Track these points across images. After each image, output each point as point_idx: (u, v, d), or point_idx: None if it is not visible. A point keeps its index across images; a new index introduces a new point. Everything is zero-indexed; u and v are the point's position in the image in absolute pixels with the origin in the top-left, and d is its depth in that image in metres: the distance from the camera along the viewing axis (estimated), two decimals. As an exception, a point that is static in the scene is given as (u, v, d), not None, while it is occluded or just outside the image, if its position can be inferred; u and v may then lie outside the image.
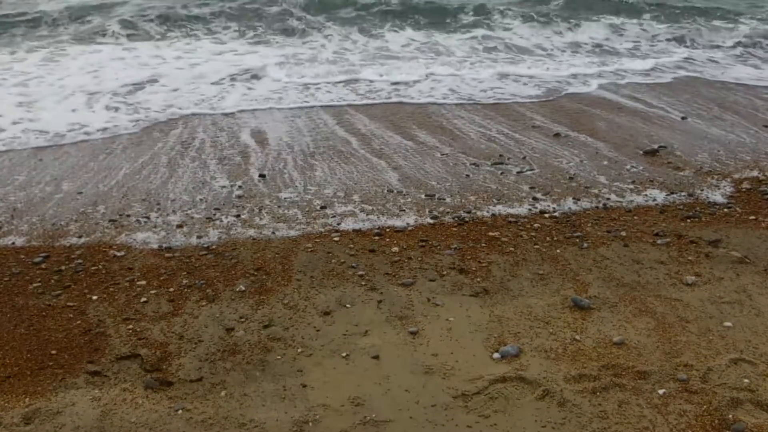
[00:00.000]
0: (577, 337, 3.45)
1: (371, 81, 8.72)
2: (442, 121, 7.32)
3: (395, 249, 4.41)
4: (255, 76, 8.82)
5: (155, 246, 4.47)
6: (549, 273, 4.12)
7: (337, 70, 9.20)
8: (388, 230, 4.71)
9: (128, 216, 4.91)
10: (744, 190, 5.53)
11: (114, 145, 6.41)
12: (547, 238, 4.60)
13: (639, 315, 3.66)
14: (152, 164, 5.92)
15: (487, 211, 5.05)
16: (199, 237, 4.59)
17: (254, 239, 4.56)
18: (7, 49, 9.81)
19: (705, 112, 7.80)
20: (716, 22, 12.76)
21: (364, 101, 8.04)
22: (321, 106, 7.82)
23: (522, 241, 4.56)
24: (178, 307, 3.74)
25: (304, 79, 8.75)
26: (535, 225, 4.81)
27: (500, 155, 6.25)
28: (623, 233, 4.67)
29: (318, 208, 5.08)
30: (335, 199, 5.23)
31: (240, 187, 5.45)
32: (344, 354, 3.32)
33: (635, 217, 4.97)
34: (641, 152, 6.40)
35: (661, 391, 3.02)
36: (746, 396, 2.97)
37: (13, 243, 4.49)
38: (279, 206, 5.10)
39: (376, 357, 3.29)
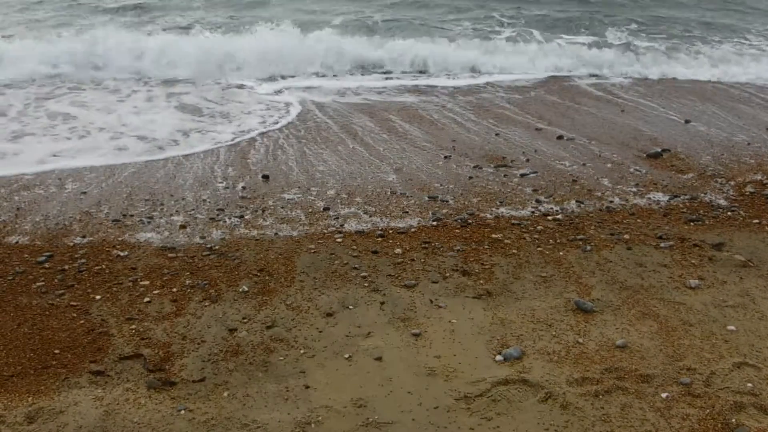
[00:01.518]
0: (580, 340, 3.45)
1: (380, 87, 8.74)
2: (442, 122, 7.33)
3: (398, 251, 4.41)
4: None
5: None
6: (552, 275, 4.12)
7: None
8: (391, 231, 4.71)
9: (132, 216, 4.92)
10: (747, 193, 5.52)
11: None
12: (550, 241, 4.59)
13: (642, 318, 3.66)
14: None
15: (490, 213, 5.05)
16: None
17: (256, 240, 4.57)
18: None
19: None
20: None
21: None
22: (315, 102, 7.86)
23: (525, 243, 4.55)
24: (181, 307, 3.75)
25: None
26: (538, 227, 4.80)
27: (503, 158, 6.25)
28: (626, 236, 4.67)
29: (321, 209, 5.09)
30: (338, 200, 5.25)
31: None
32: (347, 355, 3.32)
33: (638, 220, 4.96)
34: (644, 155, 6.40)
35: (664, 395, 3.01)
36: (749, 400, 2.96)
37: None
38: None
39: (379, 359, 3.29)
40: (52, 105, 7.71)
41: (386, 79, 9.29)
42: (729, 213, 5.11)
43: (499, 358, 3.29)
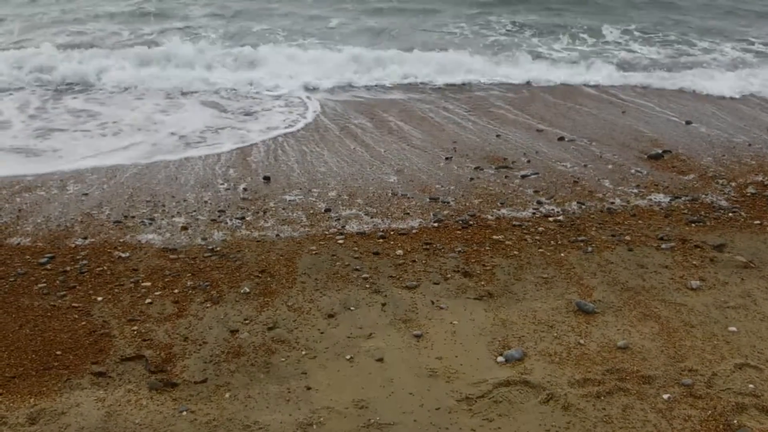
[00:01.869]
0: (582, 341, 3.45)
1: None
2: (442, 124, 7.34)
3: (399, 252, 4.41)
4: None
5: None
6: (553, 277, 4.12)
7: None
8: (392, 233, 4.72)
9: (134, 217, 4.92)
10: (749, 194, 5.52)
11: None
12: (552, 242, 4.60)
13: (643, 319, 3.66)
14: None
15: (492, 215, 5.05)
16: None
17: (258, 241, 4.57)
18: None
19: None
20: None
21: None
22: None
23: (526, 244, 4.56)
24: (182, 308, 3.75)
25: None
26: (540, 229, 4.80)
27: (504, 159, 6.26)
28: (627, 237, 4.67)
29: (322, 210, 5.09)
30: (339, 202, 5.25)
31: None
32: (348, 356, 3.32)
33: (640, 221, 4.96)
34: (645, 156, 6.40)
35: (665, 396, 3.01)
36: (751, 401, 2.96)
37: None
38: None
39: (380, 360, 3.29)
40: (69, 102, 7.68)
41: (384, 80, 9.28)
42: (730, 214, 5.11)
43: (500, 359, 3.30)
